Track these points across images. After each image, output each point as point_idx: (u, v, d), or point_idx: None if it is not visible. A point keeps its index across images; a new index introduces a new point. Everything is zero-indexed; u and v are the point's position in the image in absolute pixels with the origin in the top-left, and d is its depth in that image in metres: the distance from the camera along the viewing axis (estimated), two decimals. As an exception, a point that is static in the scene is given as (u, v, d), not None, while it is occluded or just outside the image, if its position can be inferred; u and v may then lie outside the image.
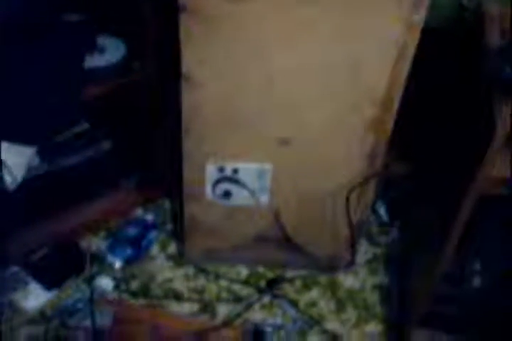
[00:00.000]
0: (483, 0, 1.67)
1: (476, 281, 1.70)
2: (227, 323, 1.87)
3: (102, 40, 1.78)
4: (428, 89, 1.78)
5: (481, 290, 1.71)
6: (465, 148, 1.50)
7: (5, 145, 1.69)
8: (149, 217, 2.10)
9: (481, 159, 1.33)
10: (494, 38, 1.49)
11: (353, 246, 1.94)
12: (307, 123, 1.62)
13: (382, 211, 2.16)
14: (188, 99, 1.56)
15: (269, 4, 1.39)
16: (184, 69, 1.49)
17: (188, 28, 1.42)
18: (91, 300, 1.86)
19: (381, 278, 2.02)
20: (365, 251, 2.07)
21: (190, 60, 1.47)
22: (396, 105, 1.58)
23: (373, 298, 1.97)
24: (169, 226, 2.10)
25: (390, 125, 1.63)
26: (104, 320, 1.83)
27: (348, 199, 1.78)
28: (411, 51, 1.47)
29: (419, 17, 1.41)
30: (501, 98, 1.31)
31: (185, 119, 1.61)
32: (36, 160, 1.86)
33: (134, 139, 1.99)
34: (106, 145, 1.99)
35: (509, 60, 1.36)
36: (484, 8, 1.62)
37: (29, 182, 1.83)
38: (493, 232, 1.61)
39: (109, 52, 1.77)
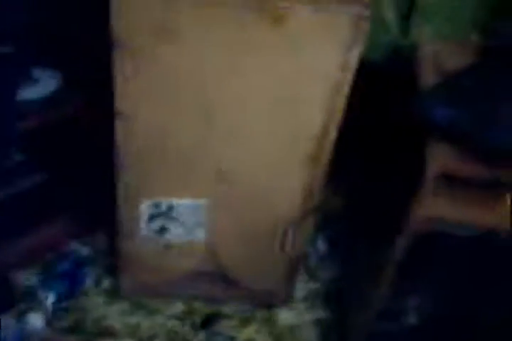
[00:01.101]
0: (419, 39, 1.71)
1: (412, 318, 1.71)
2: (162, 361, 1.84)
3: (37, 72, 1.76)
4: (364, 126, 1.79)
5: (416, 327, 1.71)
6: (399, 186, 1.52)
7: None
8: (84, 252, 2.05)
9: (413, 198, 1.34)
10: (428, 78, 1.51)
11: (291, 280, 1.93)
12: (243, 158, 1.62)
13: (320, 245, 2.16)
14: (122, 133, 1.54)
15: (205, 38, 1.39)
16: (117, 103, 1.48)
17: (122, 64, 1.41)
18: (21, 338, 1.80)
19: (319, 313, 2.01)
20: (303, 285, 2.06)
21: (122, 95, 1.46)
22: (332, 141, 1.58)
23: (311, 334, 1.95)
24: (104, 261, 2.06)
25: (325, 161, 1.63)
26: (34, 358, 1.78)
27: (285, 233, 1.77)
28: (346, 89, 1.48)
29: (355, 56, 1.42)
30: (432, 138, 1.33)
31: (119, 154, 1.58)
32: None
33: (69, 172, 1.95)
34: (40, 177, 1.95)
35: (440, 100, 1.39)
36: (419, 48, 1.65)
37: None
38: (428, 269, 1.62)
39: (43, 83, 1.74)
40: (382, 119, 1.75)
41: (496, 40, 1.62)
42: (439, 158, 1.28)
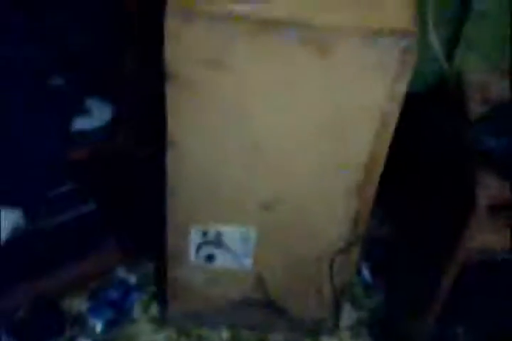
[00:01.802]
0: (464, 67, 1.72)
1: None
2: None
3: (89, 103, 1.80)
4: (410, 154, 1.80)
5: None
6: (446, 216, 1.51)
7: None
8: (131, 279, 2.07)
9: (462, 229, 1.34)
10: (475, 107, 1.52)
11: (337, 309, 1.93)
12: (290, 188, 1.63)
13: (366, 273, 2.15)
14: (173, 164, 1.57)
15: (253, 72, 1.42)
16: (169, 135, 1.51)
17: (175, 96, 1.44)
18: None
19: (366, 342, 2.00)
20: (348, 314, 2.05)
21: (175, 127, 1.49)
22: (379, 171, 1.59)
23: (358, 362, 1.95)
24: (151, 288, 2.08)
25: (373, 190, 1.63)
26: (83, 385, 1.80)
27: (332, 263, 1.77)
28: (394, 119, 1.48)
29: (402, 87, 1.43)
30: (482, 168, 1.33)
31: (169, 184, 1.61)
32: (21, 222, 1.85)
33: (119, 200, 1.99)
34: (90, 205, 1.98)
35: (490, 130, 1.39)
36: (465, 76, 1.66)
37: (12, 243, 1.82)
38: (476, 297, 1.61)
39: (96, 114, 1.78)
40: (428, 148, 1.76)
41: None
42: (490, 189, 1.28)
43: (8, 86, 1.63)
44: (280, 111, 1.49)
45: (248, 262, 1.78)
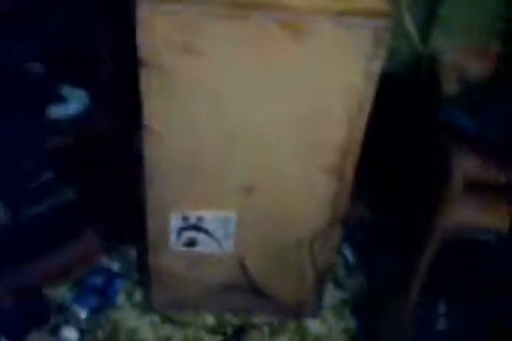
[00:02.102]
0: (439, 48, 1.73)
1: (441, 324, 1.71)
2: (194, 372, 1.86)
3: (65, 90, 1.79)
4: (387, 136, 1.80)
5: (446, 333, 1.71)
6: (424, 194, 1.53)
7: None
8: (114, 266, 2.08)
9: (438, 206, 1.36)
10: (450, 86, 1.53)
11: (319, 291, 1.94)
12: (270, 172, 1.63)
13: (348, 254, 2.17)
14: (150, 150, 1.57)
15: (227, 58, 1.42)
16: (145, 121, 1.51)
17: (149, 82, 1.44)
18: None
19: (348, 322, 2.02)
20: (331, 295, 2.07)
21: (151, 113, 1.49)
22: (357, 152, 1.60)
23: (341, 342, 1.97)
24: (135, 275, 2.08)
25: (351, 172, 1.64)
26: (68, 372, 1.80)
27: (313, 245, 1.78)
28: (369, 100, 1.49)
29: (376, 67, 1.44)
30: (457, 146, 1.34)
31: (147, 170, 1.61)
32: (1, 211, 1.84)
33: (97, 188, 1.98)
34: (70, 195, 1.98)
35: (465, 107, 1.40)
36: (440, 56, 1.67)
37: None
38: (457, 275, 1.63)
39: (72, 102, 1.77)
40: (404, 128, 1.76)
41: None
42: (465, 166, 1.30)
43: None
44: (256, 96, 1.49)
45: (229, 246, 1.79)
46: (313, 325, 2.00)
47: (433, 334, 1.73)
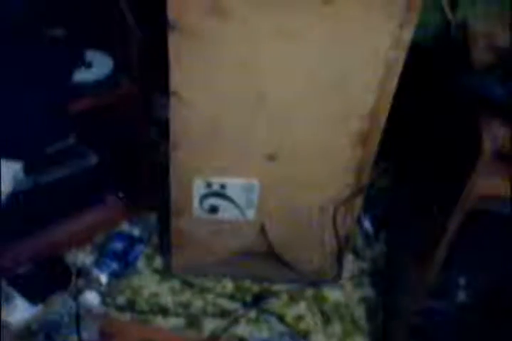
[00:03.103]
0: (469, 17, 1.70)
1: (462, 296, 1.71)
2: (213, 338, 1.87)
3: (89, 55, 1.78)
4: (414, 104, 1.79)
5: (466, 305, 1.71)
6: (451, 163, 1.51)
7: (-9, 159, 1.68)
8: (135, 231, 2.09)
9: (468, 175, 1.34)
10: (480, 55, 1.51)
11: (339, 260, 1.94)
12: (294, 139, 1.63)
13: (367, 224, 2.17)
14: (177, 115, 1.56)
15: (256, 20, 1.40)
16: (172, 86, 1.50)
17: (177, 46, 1.43)
18: (77, 315, 1.85)
19: (367, 291, 2.03)
20: (351, 264, 2.08)
21: (178, 77, 1.48)
22: (383, 120, 1.59)
23: (359, 311, 1.97)
24: (155, 240, 2.10)
25: (376, 140, 1.63)
26: (90, 334, 1.81)
27: (335, 213, 1.79)
28: (399, 67, 1.48)
29: (408, 34, 1.42)
30: (487, 115, 1.33)
31: (173, 135, 1.61)
32: (22, 175, 1.84)
33: (120, 153, 1.98)
34: (92, 159, 1.98)
35: (495, 76, 1.38)
36: (469, 25, 1.65)
37: (15, 197, 1.82)
38: (480, 248, 1.62)
39: (97, 66, 1.76)
40: (432, 98, 1.75)
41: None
42: (495, 136, 1.28)
43: (7, 37, 1.61)
44: (284, 61, 1.48)
45: (251, 214, 1.79)
46: (332, 294, 2.01)
47: (451, 307, 1.73)
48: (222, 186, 1.72)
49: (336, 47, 1.44)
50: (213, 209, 1.77)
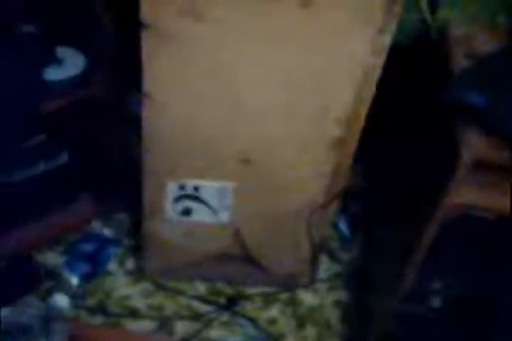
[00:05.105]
0: (449, 21, 1.68)
1: (437, 301, 1.70)
2: (185, 341, 1.85)
3: (61, 52, 1.74)
4: (390, 107, 1.77)
5: (441, 310, 1.71)
6: (430, 170, 1.50)
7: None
8: (107, 232, 2.06)
9: (444, 184, 1.33)
10: (459, 61, 1.49)
11: (314, 263, 1.93)
12: (269, 142, 1.60)
13: (343, 226, 2.15)
14: (149, 116, 1.53)
15: (231, 21, 1.37)
16: (145, 87, 1.46)
17: (150, 46, 1.39)
18: (46, 318, 1.81)
19: (342, 294, 2.01)
20: (325, 267, 2.06)
21: (151, 78, 1.45)
22: (361, 125, 1.57)
23: (334, 315, 1.96)
24: (127, 241, 2.06)
25: (353, 144, 1.62)
26: (59, 338, 1.78)
27: (310, 217, 1.76)
28: (377, 73, 1.46)
29: (387, 39, 1.40)
30: (466, 123, 1.31)
31: (145, 137, 1.58)
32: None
33: (93, 152, 1.95)
34: (63, 158, 1.94)
35: (474, 83, 1.36)
36: (449, 29, 1.63)
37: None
38: (455, 253, 1.61)
39: (68, 63, 1.72)
40: (410, 102, 1.73)
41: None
42: (474, 145, 1.26)
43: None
44: (260, 63, 1.45)
45: (225, 216, 1.77)
46: (306, 297, 1.99)
47: (426, 311, 1.73)
48: (196, 188, 1.69)
49: (312, 50, 1.41)
50: (187, 212, 1.74)
